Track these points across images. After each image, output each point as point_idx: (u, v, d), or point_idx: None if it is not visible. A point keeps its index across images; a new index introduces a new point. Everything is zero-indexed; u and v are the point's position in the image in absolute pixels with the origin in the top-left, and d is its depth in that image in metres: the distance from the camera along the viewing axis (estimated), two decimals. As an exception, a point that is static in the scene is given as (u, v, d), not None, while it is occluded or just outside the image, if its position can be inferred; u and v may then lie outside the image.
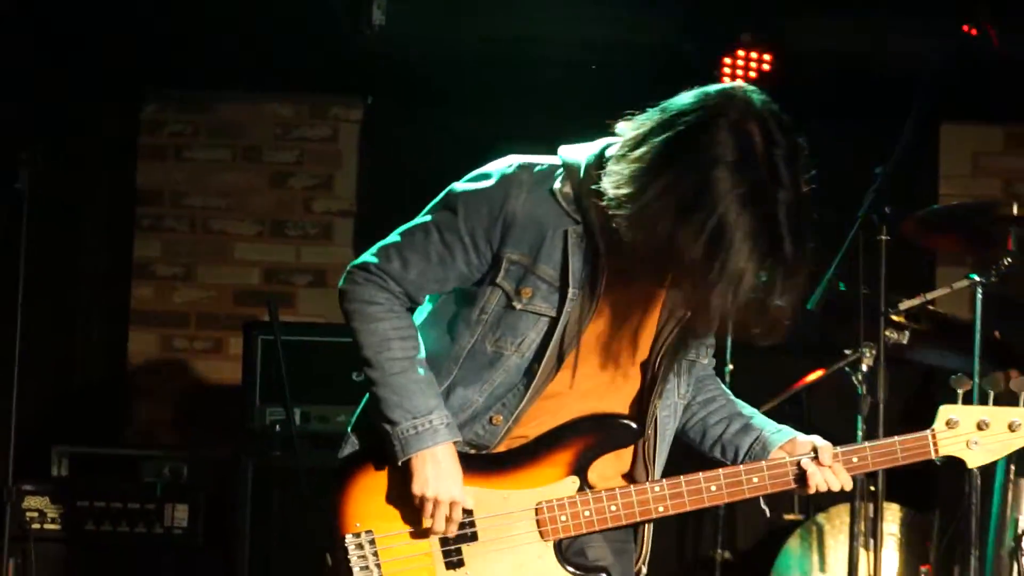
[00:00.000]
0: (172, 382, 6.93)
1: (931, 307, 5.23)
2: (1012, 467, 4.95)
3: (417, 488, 2.75)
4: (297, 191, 7.06)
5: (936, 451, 2.92)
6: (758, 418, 3.06)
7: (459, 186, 2.82)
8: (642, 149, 2.57)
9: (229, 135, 7.08)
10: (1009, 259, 4.83)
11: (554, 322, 2.79)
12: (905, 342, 5.08)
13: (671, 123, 2.57)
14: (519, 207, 2.78)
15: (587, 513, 2.83)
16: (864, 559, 4.88)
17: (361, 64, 6.53)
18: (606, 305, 2.84)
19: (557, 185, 2.78)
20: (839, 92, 6.37)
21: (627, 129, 2.66)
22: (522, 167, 2.80)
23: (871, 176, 4.87)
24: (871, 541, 4.94)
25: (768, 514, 3.12)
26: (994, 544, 4.93)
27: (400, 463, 2.77)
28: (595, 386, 2.92)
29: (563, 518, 2.83)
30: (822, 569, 5.50)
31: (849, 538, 4.98)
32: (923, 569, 5.30)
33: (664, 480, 2.88)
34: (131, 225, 7.00)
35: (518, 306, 2.80)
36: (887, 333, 4.88)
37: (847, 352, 4.98)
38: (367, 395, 2.93)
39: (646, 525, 3.01)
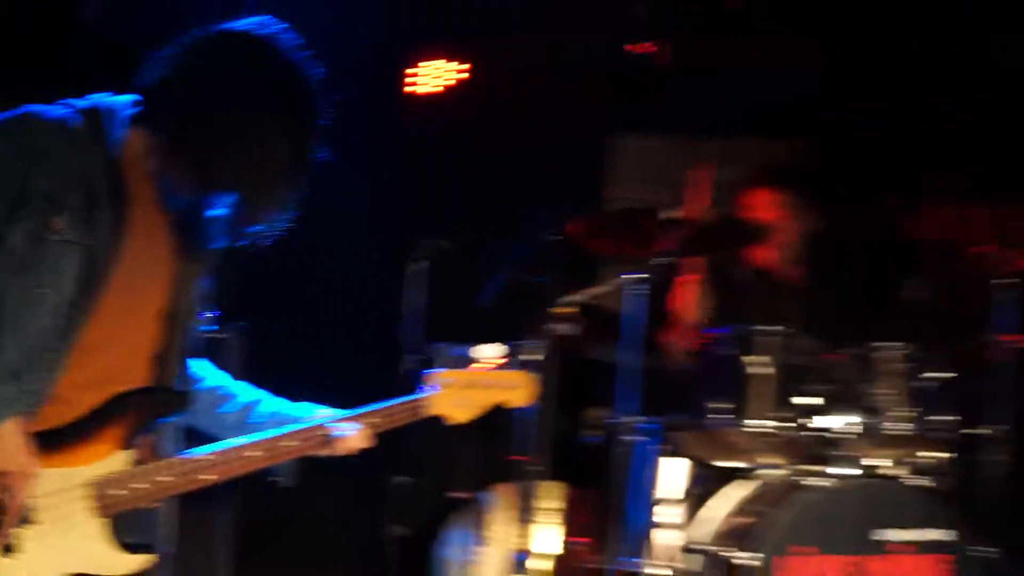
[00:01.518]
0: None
1: (596, 302, 5.52)
2: (656, 445, 5.30)
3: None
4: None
5: (431, 411, 3.18)
6: (265, 396, 3.18)
7: None
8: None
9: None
10: (666, 258, 5.11)
11: (90, 251, 2.75)
12: (574, 334, 5.31)
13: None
14: (36, 140, 2.73)
15: (143, 486, 2.83)
16: (522, 533, 5.11)
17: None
18: (136, 240, 2.85)
19: (67, 121, 2.79)
20: (529, 102, 6.47)
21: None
22: (28, 114, 2.78)
23: (547, 181, 5.21)
24: (534, 516, 5.16)
25: (288, 481, 3.26)
26: (640, 516, 5.22)
27: None
28: (124, 330, 2.90)
29: (121, 492, 2.80)
30: (488, 543, 5.63)
31: (514, 513, 5.22)
32: (581, 542, 5.57)
33: (212, 449, 2.94)
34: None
35: (53, 238, 2.72)
36: (556, 326, 5.10)
37: (516, 343, 4.80)
38: None
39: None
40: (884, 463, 5.21)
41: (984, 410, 5.37)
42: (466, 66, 6.67)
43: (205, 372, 3.20)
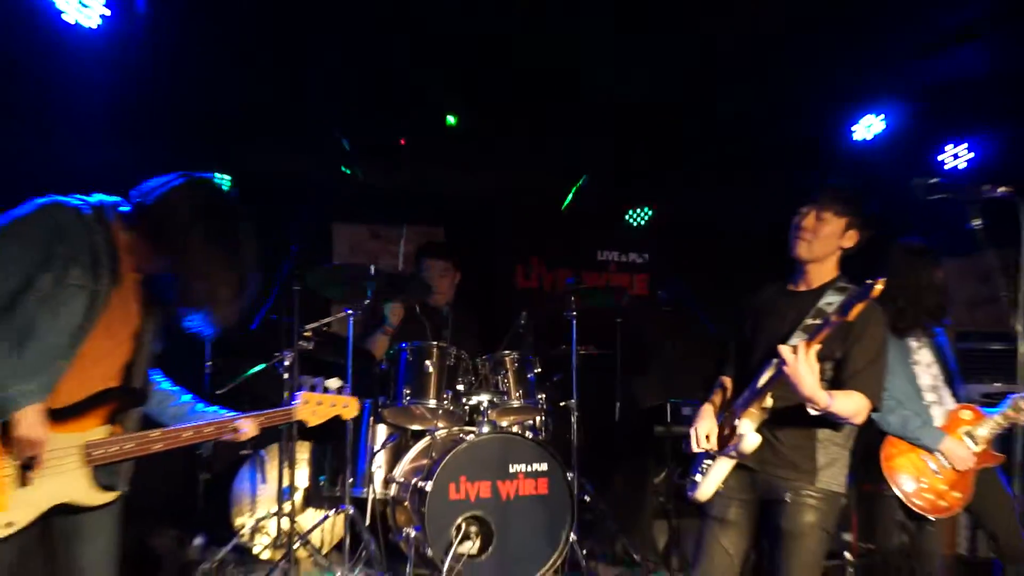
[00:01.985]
0: None
1: (326, 328, 5.47)
2: (370, 417, 5.31)
3: (18, 437, 2.67)
4: None
5: (295, 416, 3.23)
6: (191, 398, 3.13)
7: (22, 212, 2.72)
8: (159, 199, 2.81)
9: None
10: (367, 303, 5.09)
11: (92, 293, 2.76)
12: (311, 347, 5.24)
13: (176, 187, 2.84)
14: (61, 219, 2.74)
15: (113, 448, 2.87)
16: (286, 474, 5.20)
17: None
18: (120, 290, 2.85)
19: (84, 211, 2.80)
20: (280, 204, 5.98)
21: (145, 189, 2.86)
22: (58, 200, 2.79)
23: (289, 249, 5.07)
24: (291, 464, 5.24)
25: (206, 452, 3.21)
26: (362, 462, 5.25)
27: (4, 417, 2.67)
28: (106, 346, 2.86)
29: (100, 452, 2.84)
30: (263, 481, 5.65)
31: (278, 461, 5.28)
32: (321, 477, 5.53)
33: (159, 430, 2.95)
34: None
35: (68, 282, 2.73)
36: (301, 342, 5.11)
37: (276, 354, 5.18)
38: None
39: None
40: (509, 424, 5.48)
41: (564, 391, 5.64)
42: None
43: (161, 379, 3.17)
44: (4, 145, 5.71)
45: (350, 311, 5.12)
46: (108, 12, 4.90)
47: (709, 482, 3.40)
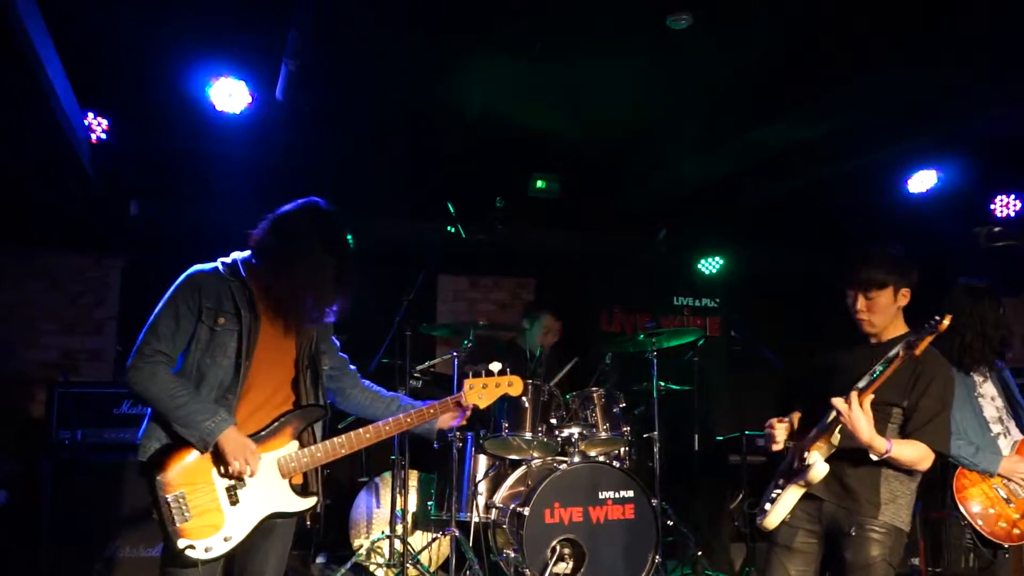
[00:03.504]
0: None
1: (432, 368, 5.33)
2: (473, 448, 5.14)
3: (230, 454, 2.72)
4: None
5: (466, 401, 3.12)
6: (395, 396, 3.14)
7: (172, 288, 2.83)
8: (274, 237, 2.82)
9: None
10: (469, 342, 5.03)
11: (239, 333, 2.81)
12: (419, 385, 5.20)
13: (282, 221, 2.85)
14: (200, 281, 2.82)
15: (305, 459, 2.87)
16: (399, 500, 5.09)
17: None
18: (265, 324, 2.87)
19: (219, 268, 2.87)
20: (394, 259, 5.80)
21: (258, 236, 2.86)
22: (197, 268, 2.87)
23: (400, 301, 5.05)
24: (403, 490, 5.12)
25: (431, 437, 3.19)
26: (465, 489, 5.11)
27: (210, 447, 2.71)
28: (271, 375, 2.89)
29: (293, 464, 2.85)
30: (378, 506, 5.49)
31: (391, 488, 5.13)
32: (429, 502, 5.36)
33: (343, 436, 2.93)
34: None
35: (218, 328, 2.79)
36: (411, 381, 5.08)
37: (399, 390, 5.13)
38: (148, 422, 2.79)
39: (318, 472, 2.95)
40: (597, 454, 5.24)
41: (646, 423, 5.44)
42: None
43: (367, 387, 3.16)
44: (175, 213, 5.90)
45: (454, 353, 5.02)
46: (251, 99, 4.95)
47: (777, 510, 3.14)
